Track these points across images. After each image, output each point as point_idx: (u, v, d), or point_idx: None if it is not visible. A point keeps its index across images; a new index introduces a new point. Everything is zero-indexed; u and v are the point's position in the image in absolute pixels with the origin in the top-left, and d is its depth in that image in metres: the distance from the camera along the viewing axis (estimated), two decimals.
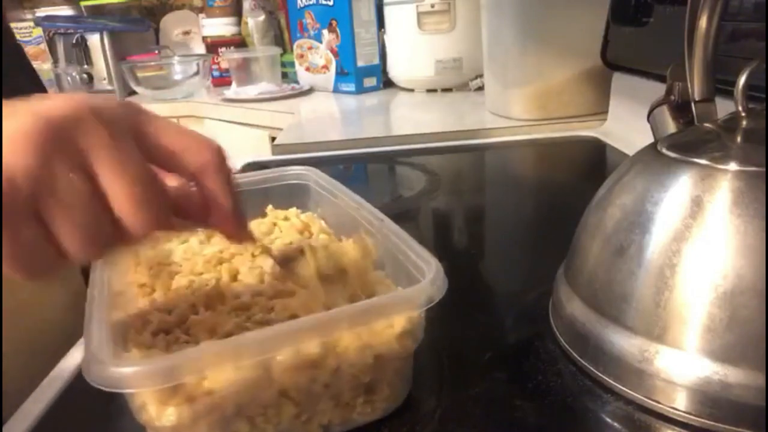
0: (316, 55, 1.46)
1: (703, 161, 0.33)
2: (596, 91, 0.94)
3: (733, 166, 0.32)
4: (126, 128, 0.25)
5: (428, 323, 0.32)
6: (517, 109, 0.98)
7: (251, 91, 1.47)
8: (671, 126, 0.42)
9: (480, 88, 1.24)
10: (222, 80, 1.70)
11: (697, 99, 0.39)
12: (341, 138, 1.02)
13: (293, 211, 0.49)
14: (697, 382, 0.31)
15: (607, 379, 0.34)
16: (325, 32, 1.42)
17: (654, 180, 0.35)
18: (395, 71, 1.39)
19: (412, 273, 0.34)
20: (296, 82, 1.56)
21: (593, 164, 0.88)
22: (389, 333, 0.31)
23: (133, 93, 1.70)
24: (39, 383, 0.40)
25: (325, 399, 0.31)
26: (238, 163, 0.85)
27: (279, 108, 1.34)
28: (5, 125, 0.23)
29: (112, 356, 0.27)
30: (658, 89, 0.43)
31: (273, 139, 1.13)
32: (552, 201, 0.71)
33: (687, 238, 0.32)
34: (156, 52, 1.82)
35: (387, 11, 1.34)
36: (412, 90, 1.37)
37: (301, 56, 1.52)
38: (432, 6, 1.25)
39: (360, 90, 1.41)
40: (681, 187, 0.33)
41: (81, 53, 1.68)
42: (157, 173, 0.27)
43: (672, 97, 0.42)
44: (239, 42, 1.74)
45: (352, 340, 0.30)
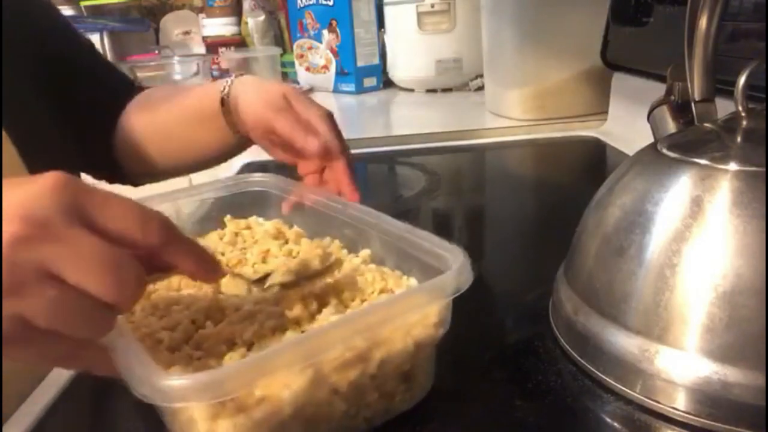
0: (316, 55, 1.46)
1: (703, 161, 0.33)
2: (596, 91, 0.94)
3: (733, 166, 0.32)
4: (68, 220, 0.25)
5: None
6: (517, 109, 0.98)
7: None
8: (671, 126, 0.42)
9: (480, 88, 1.24)
10: None
11: (697, 99, 0.39)
12: None
13: (254, 220, 0.48)
14: (697, 382, 0.31)
15: (607, 379, 0.34)
16: (325, 32, 1.42)
17: (654, 180, 0.35)
18: (395, 71, 1.39)
19: (428, 262, 0.34)
20: (296, 82, 1.56)
21: (593, 164, 0.88)
22: (425, 321, 0.32)
23: None
24: (39, 384, 0.40)
25: (371, 391, 0.31)
26: (238, 164, 0.85)
27: None
28: None
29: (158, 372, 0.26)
30: (658, 89, 0.43)
31: None
32: (552, 201, 0.71)
33: (687, 238, 0.32)
34: (156, 52, 1.82)
35: (387, 11, 1.34)
36: (412, 90, 1.37)
37: (301, 56, 1.52)
38: (432, 6, 1.25)
39: (360, 90, 1.41)
40: (681, 187, 0.33)
41: None
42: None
43: (672, 97, 0.42)
44: (239, 42, 1.74)
45: (393, 330, 0.30)
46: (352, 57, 1.38)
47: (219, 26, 1.74)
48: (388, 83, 1.45)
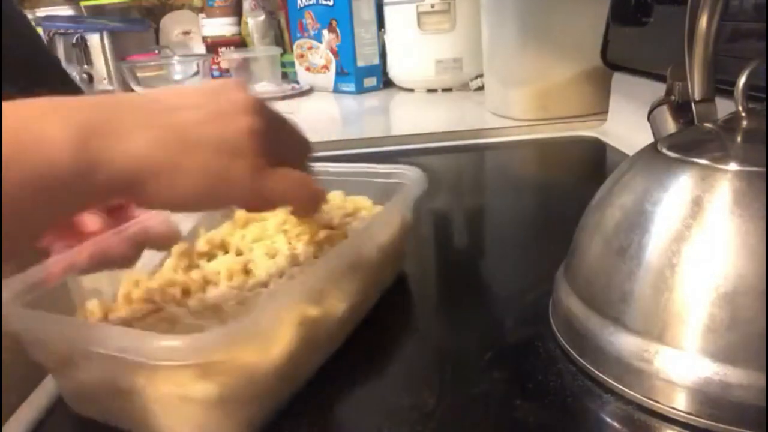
0: (316, 55, 1.46)
1: (703, 161, 0.33)
2: (596, 91, 0.94)
3: (733, 166, 0.32)
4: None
5: (428, 322, 0.32)
6: (517, 109, 0.98)
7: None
8: (671, 126, 0.42)
9: (480, 88, 1.24)
10: None
11: (697, 99, 0.39)
12: (341, 138, 1.02)
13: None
14: (697, 382, 0.31)
15: (607, 379, 0.34)
16: (325, 32, 1.42)
17: (654, 180, 0.35)
18: (395, 71, 1.39)
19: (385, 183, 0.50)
20: (296, 82, 1.56)
21: (593, 164, 0.88)
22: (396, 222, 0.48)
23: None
24: (38, 384, 0.40)
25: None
26: None
27: (279, 108, 1.33)
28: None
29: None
30: (658, 89, 0.43)
31: None
32: (552, 201, 0.71)
33: (687, 239, 0.32)
34: (156, 52, 1.82)
35: (387, 11, 1.34)
36: (412, 90, 1.37)
37: (301, 56, 1.52)
38: (432, 6, 1.25)
39: (360, 90, 1.41)
40: (681, 187, 0.33)
41: (81, 53, 1.68)
42: None
43: (672, 97, 0.42)
44: (239, 42, 1.74)
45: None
46: (352, 57, 1.38)
47: (219, 26, 1.74)
48: (388, 83, 1.45)
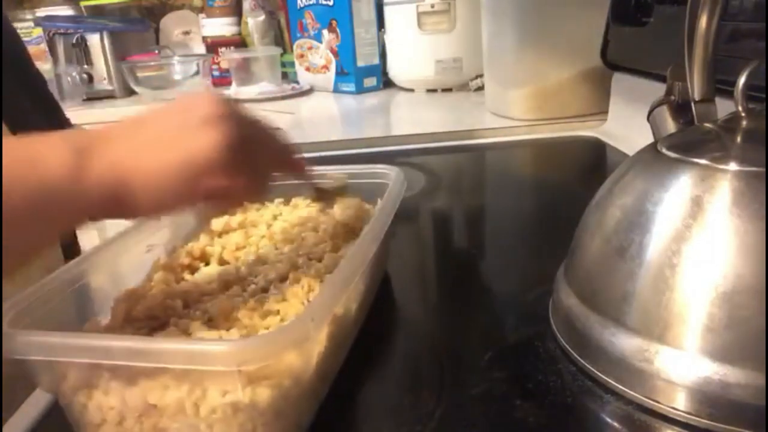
0: (316, 55, 1.46)
1: (703, 161, 0.33)
2: (596, 91, 0.94)
3: (733, 166, 0.32)
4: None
5: (428, 322, 0.31)
6: (517, 109, 0.98)
7: (251, 91, 1.47)
8: (671, 126, 0.42)
9: (480, 88, 1.24)
10: (222, 80, 1.70)
11: (697, 99, 0.39)
12: (341, 138, 1.02)
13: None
14: (697, 382, 0.31)
15: (607, 379, 0.34)
16: (325, 32, 1.42)
17: (654, 180, 0.35)
18: (395, 71, 1.39)
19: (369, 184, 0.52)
20: (296, 82, 1.56)
21: (593, 164, 0.88)
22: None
23: (134, 93, 1.70)
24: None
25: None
26: None
27: (279, 108, 1.33)
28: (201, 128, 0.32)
29: None
30: (658, 89, 0.43)
31: None
32: (552, 201, 0.71)
33: (687, 238, 0.32)
34: (156, 52, 1.82)
35: (387, 11, 1.34)
36: (412, 90, 1.37)
37: (301, 56, 1.52)
38: (432, 6, 1.25)
39: (360, 90, 1.41)
40: (681, 187, 0.33)
41: (81, 53, 1.68)
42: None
43: (672, 97, 0.42)
44: (239, 42, 1.74)
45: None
46: (352, 57, 1.38)
47: (219, 26, 1.74)
48: (388, 83, 1.45)
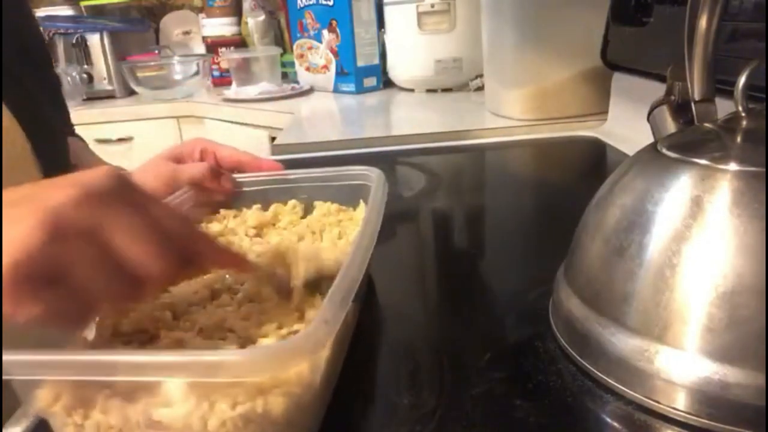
0: (316, 55, 1.46)
1: (703, 161, 0.33)
2: (596, 91, 0.94)
3: (733, 166, 0.32)
4: (122, 198, 0.28)
5: (427, 322, 0.31)
6: (517, 109, 0.98)
7: (251, 91, 1.47)
8: (671, 126, 0.42)
9: (480, 88, 1.24)
10: (222, 80, 1.70)
11: (697, 99, 0.39)
12: (341, 138, 1.02)
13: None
14: (697, 382, 0.31)
15: (607, 379, 0.34)
16: (325, 32, 1.42)
17: (654, 180, 0.35)
18: (395, 71, 1.39)
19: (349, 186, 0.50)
20: (296, 82, 1.56)
21: (593, 164, 0.88)
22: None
23: (134, 93, 1.70)
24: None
25: None
26: None
27: (279, 108, 1.34)
28: (10, 226, 0.25)
29: None
30: (658, 89, 0.43)
31: (273, 139, 1.13)
32: (552, 201, 0.71)
33: (687, 238, 0.32)
34: (156, 52, 1.82)
35: (387, 11, 1.34)
36: (412, 90, 1.37)
37: (301, 56, 1.52)
38: (432, 6, 1.25)
39: (360, 90, 1.41)
40: (681, 187, 0.33)
41: (81, 53, 1.68)
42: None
43: (672, 97, 0.42)
44: (239, 42, 1.74)
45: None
46: (352, 57, 1.38)
47: (219, 26, 1.74)
48: (388, 83, 1.45)
